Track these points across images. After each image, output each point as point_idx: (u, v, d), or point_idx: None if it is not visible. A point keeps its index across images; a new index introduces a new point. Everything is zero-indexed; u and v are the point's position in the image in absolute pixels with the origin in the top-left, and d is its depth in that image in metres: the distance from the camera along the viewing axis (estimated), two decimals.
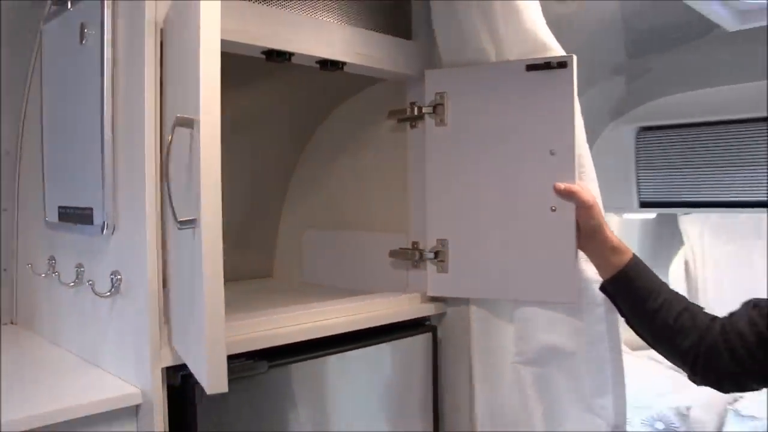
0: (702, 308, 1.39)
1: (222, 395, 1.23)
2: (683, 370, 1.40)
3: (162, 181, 1.00)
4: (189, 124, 0.96)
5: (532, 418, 1.67)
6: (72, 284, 1.45)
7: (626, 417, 1.63)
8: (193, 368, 1.07)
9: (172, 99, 1.14)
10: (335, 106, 2.04)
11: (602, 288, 1.50)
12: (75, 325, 1.50)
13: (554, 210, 1.55)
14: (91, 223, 1.35)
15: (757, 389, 1.31)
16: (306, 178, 2.12)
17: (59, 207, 1.50)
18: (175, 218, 0.97)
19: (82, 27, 1.35)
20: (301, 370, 1.45)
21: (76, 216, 1.42)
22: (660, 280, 1.45)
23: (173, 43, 1.15)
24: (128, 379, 1.29)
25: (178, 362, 1.24)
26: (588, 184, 1.58)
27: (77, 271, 1.46)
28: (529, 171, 1.60)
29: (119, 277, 1.30)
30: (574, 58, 1.56)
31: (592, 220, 1.49)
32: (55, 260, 1.58)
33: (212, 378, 0.94)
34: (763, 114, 2.80)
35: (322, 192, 2.10)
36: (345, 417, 1.57)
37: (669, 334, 1.38)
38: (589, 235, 1.50)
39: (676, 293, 1.43)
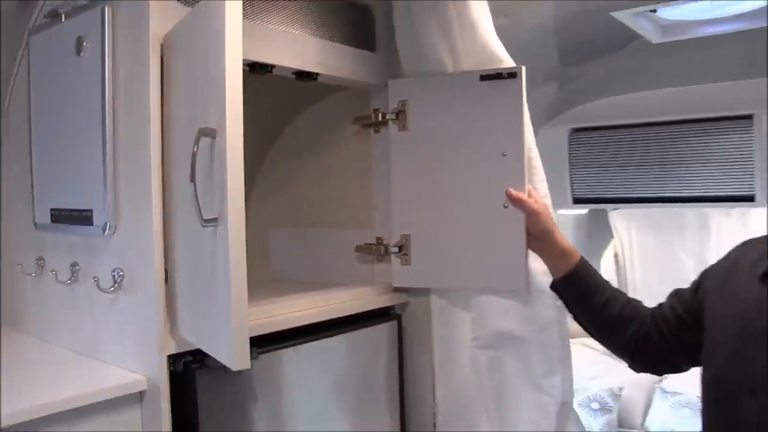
0: (640, 302, 1.52)
1: (217, 379, 1.36)
2: (624, 359, 1.53)
3: (189, 184, 1.10)
4: (212, 134, 1.08)
5: (487, 397, 1.81)
6: (68, 282, 1.53)
7: (573, 395, 1.78)
8: (213, 350, 1.19)
9: (185, 110, 1.25)
10: (301, 111, 2.14)
11: (553, 287, 1.60)
12: (69, 321, 1.58)
13: (506, 207, 1.68)
14: (91, 224, 1.44)
15: (687, 369, 1.44)
16: (273, 179, 2.22)
17: (52, 209, 1.57)
18: (202, 218, 1.09)
19: (80, 40, 1.44)
20: (284, 357, 1.58)
21: (72, 218, 1.50)
22: (604, 279, 1.57)
23: (183, 58, 1.25)
24: (131, 368, 1.38)
25: (181, 350, 1.36)
26: (537, 184, 1.72)
27: (72, 269, 1.54)
28: (483, 172, 1.72)
29: (122, 273, 1.40)
30: (523, 69, 1.69)
31: (540, 225, 1.60)
32: (44, 260, 1.65)
33: (238, 356, 1.07)
34: (685, 116, 3.02)
35: (288, 192, 2.19)
36: (320, 401, 1.70)
37: (614, 326, 1.49)
38: (538, 239, 1.61)
39: (618, 290, 1.55)
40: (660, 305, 1.46)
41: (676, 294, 1.43)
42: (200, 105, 1.16)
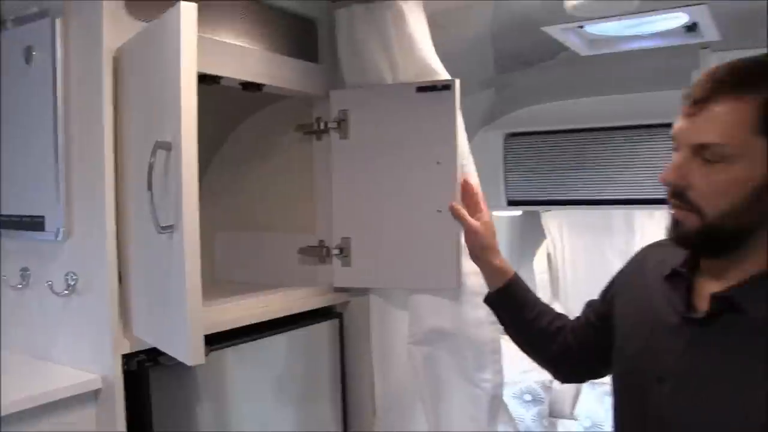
0: (566, 316, 1.58)
1: (169, 377, 1.43)
2: (549, 371, 1.61)
3: (147, 192, 1.17)
4: (167, 147, 1.16)
5: (423, 391, 1.90)
6: (20, 287, 1.57)
7: (503, 388, 1.89)
8: (168, 348, 1.26)
9: (138, 120, 1.32)
10: (245, 118, 2.20)
11: (486, 300, 1.64)
12: (21, 325, 1.61)
13: (440, 212, 1.77)
14: (43, 229, 1.49)
15: (606, 372, 1.47)
16: (218, 184, 2.27)
17: (1, 215, 1.60)
18: (158, 225, 1.16)
19: (29, 49, 1.48)
20: (232, 355, 1.65)
21: (23, 224, 1.54)
22: (535, 296, 1.61)
23: (137, 72, 1.32)
24: (85, 368, 1.43)
25: (135, 350, 1.42)
26: (476, 185, 1.80)
27: (23, 274, 1.58)
28: (418, 178, 1.81)
29: (75, 277, 1.45)
30: (457, 82, 1.78)
31: (478, 242, 1.63)
32: None
33: (192, 352, 1.14)
34: (613, 124, 3.16)
35: (233, 196, 2.25)
36: (266, 397, 1.78)
37: (540, 339, 1.55)
38: (475, 254, 1.65)
39: (547, 306, 1.61)
40: (577, 317, 1.55)
41: (590, 305, 1.52)
42: (155, 118, 1.23)
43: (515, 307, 1.59)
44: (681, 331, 1.19)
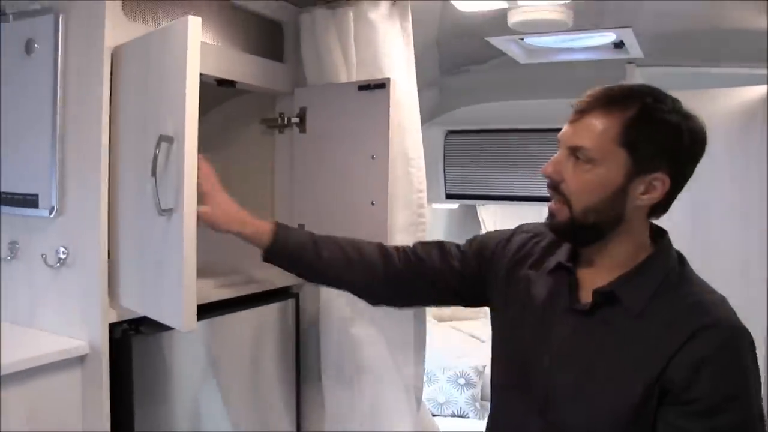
0: (389, 248, 1.75)
1: (149, 344, 1.59)
2: (363, 298, 1.80)
3: (150, 178, 1.33)
4: (169, 140, 1.33)
5: (361, 372, 2.07)
6: (8, 259, 1.70)
7: (423, 382, 2.09)
8: (160, 316, 1.43)
9: (136, 113, 1.48)
10: (209, 110, 2.32)
11: (264, 260, 1.73)
12: (7, 296, 1.72)
13: (374, 204, 1.90)
14: (36, 206, 1.63)
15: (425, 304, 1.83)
16: None
17: None
18: (160, 207, 1.33)
19: (31, 41, 1.61)
20: (206, 327, 1.81)
21: (15, 200, 1.67)
22: (309, 235, 1.74)
23: (137, 69, 1.48)
24: (73, 335, 1.57)
25: (120, 320, 1.58)
26: (422, 181, 2.01)
27: (12, 247, 1.71)
28: (356, 172, 1.93)
29: (66, 251, 1.59)
30: (391, 80, 1.88)
31: (222, 228, 1.68)
32: None
33: (187, 319, 1.32)
34: (546, 126, 3.41)
35: None
36: (231, 365, 1.94)
37: (347, 270, 1.72)
38: (220, 230, 1.69)
39: (336, 238, 1.75)
40: (417, 249, 1.74)
41: (451, 253, 1.70)
42: (155, 112, 1.39)
43: (292, 255, 1.72)
44: (567, 320, 1.41)
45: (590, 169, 1.34)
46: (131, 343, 1.59)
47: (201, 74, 1.74)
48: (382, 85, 1.89)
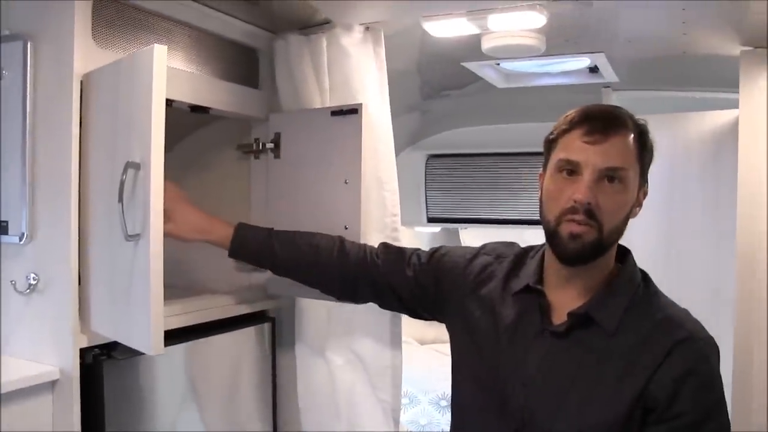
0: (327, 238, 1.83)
1: (121, 369, 1.58)
2: (330, 294, 1.86)
3: (117, 204, 1.34)
4: (136, 167, 1.34)
5: (338, 397, 2.08)
6: None
7: (400, 405, 2.10)
8: (129, 341, 1.43)
9: (104, 140, 1.49)
10: (186, 135, 2.35)
11: (230, 256, 1.87)
12: None
13: (347, 228, 1.89)
14: (6, 233, 1.63)
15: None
16: None
17: None
18: (127, 233, 1.34)
19: None
20: (178, 352, 1.81)
21: None
22: (268, 232, 1.86)
23: (106, 97, 1.49)
24: (44, 360, 1.57)
25: (91, 344, 1.57)
26: (395, 204, 2.02)
27: None
28: (331, 196, 1.93)
29: (36, 277, 1.60)
30: (364, 105, 1.89)
31: (188, 237, 1.81)
32: None
33: (154, 343, 1.33)
34: (525, 150, 3.46)
35: None
36: (205, 391, 1.94)
37: (309, 267, 1.82)
38: (186, 241, 1.81)
39: (290, 236, 1.86)
40: (378, 251, 1.80)
41: (402, 253, 1.77)
42: (123, 139, 1.41)
43: (252, 256, 1.89)
44: (541, 342, 1.41)
45: (622, 189, 1.35)
46: (102, 367, 1.59)
47: (174, 101, 1.80)
48: (354, 111, 1.90)
